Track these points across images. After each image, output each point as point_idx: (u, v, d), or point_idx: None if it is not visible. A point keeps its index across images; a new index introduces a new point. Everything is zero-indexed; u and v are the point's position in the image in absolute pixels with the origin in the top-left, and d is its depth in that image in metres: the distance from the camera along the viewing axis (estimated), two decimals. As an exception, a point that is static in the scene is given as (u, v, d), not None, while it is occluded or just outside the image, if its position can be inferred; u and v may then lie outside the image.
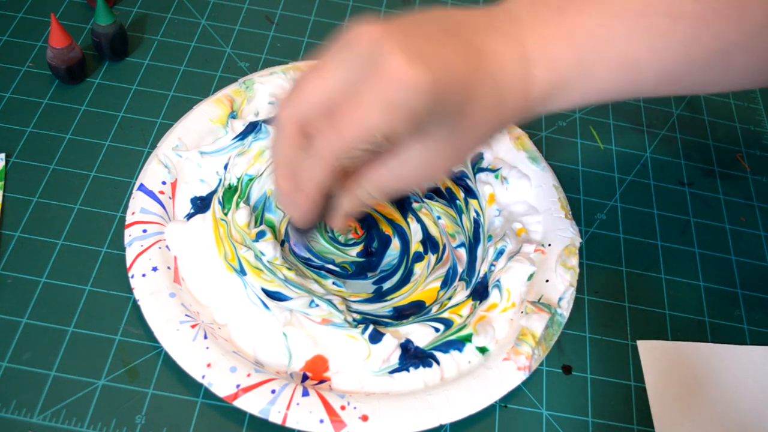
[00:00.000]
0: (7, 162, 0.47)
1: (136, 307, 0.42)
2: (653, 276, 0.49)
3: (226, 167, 0.47)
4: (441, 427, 0.39)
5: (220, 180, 0.46)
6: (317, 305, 0.42)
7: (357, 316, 0.43)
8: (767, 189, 0.56)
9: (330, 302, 0.42)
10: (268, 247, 0.43)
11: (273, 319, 0.41)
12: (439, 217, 0.48)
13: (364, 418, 0.38)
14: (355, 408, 0.38)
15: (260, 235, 0.44)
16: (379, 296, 0.45)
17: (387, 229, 0.48)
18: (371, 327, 0.41)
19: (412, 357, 0.41)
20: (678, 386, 0.44)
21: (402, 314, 0.44)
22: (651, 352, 0.45)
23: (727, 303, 0.49)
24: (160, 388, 0.40)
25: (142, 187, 0.45)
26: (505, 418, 0.41)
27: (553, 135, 0.55)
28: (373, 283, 0.46)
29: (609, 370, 0.44)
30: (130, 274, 0.42)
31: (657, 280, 0.49)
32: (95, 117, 0.51)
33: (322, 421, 0.37)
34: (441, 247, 0.47)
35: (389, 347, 0.41)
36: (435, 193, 0.49)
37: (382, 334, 0.41)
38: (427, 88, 0.26)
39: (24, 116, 0.50)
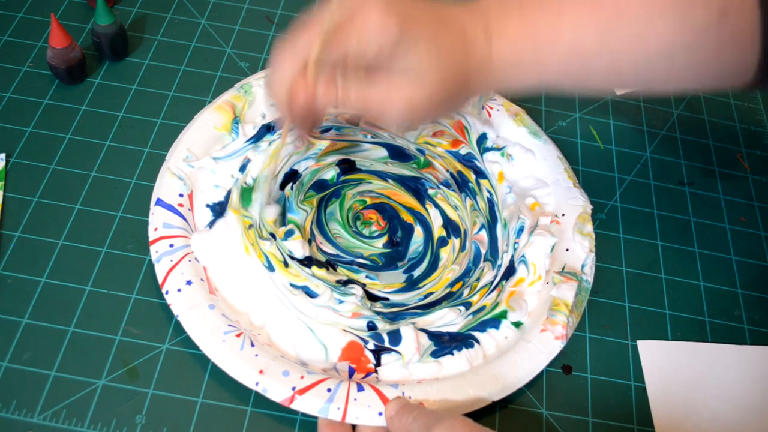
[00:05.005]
0: (7, 162, 0.47)
1: (136, 307, 0.42)
2: (653, 276, 0.49)
3: (242, 169, 0.47)
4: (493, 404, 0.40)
5: (236, 180, 0.46)
6: (343, 302, 0.42)
7: (380, 308, 0.43)
8: (767, 189, 0.56)
9: (347, 292, 0.42)
10: (296, 246, 0.44)
11: (302, 315, 0.41)
12: (456, 207, 0.49)
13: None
14: (410, 396, 0.39)
15: (288, 234, 0.44)
16: (411, 284, 0.46)
17: (408, 218, 0.49)
18: (384, 334, 0.41)
19: (452, 340, 0.42)
20: (678, 386, 0.44)
21: (433, 301, 0.45)
22: (651, 352, 0.45)
23: (727, 303, 0.49)
24: (160, 388, 0.40)
25: (159, 202, 0.45)
26: (505, 418, 0.41)
27: (553, 135, 0.55)
28: (404, 272, 0.46)
29: (609, 370, 0.44)
30: (164, 290, 0.41)
31: (657, 280, 0.49)
32: (95, 117, 0.51)
33: (381, 414, 0.38)
34: (462, 231, 0.48)
35: (410, 338, 0.41)
36: (446, 187, 0.50)
37: (398, 332, 0.41)
38: (393, 30, 0.33)
39: (24, 116, 0.50)
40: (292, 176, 0.48)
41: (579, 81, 0.39)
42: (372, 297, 0.44)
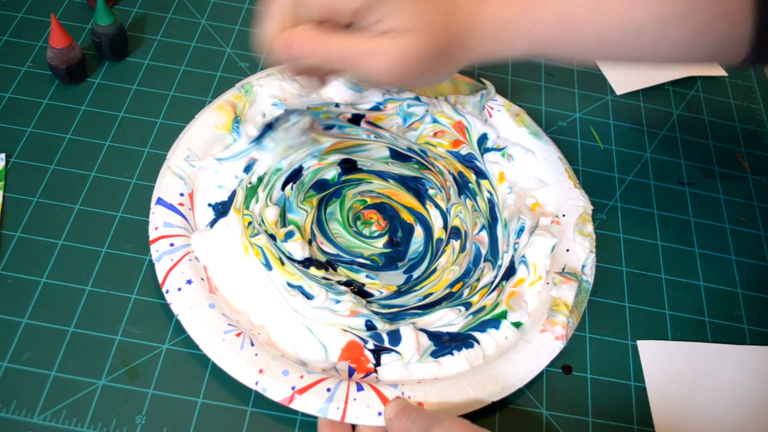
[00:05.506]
0: (7, 162, 0.47)
1: (136, 307, 0.42)
2: (653, 276, 0.49)
3: (247, 170, 0.47)
4: (493, 404, 0.40)
5: (241, 181, 0.46)
6: (339, 301, 0.42)
7: (378, 308, 0.43)
8: (767, 189, 0.56)
9: (337, 290, 0.43)
10: (296, 248, 0.44)
11: (300, 316, 0.42)
12: (458, 215, 0.49)
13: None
14: (410, 397, 0.39)
15: (289, 236, 0.44)
16: (408, 289, 0.45)
17: (408, 218, 0.49)
18: (384, 334, 0.41)
19: (452, 340, 0.42)
20: (678, 386, 0.44)
21: (433, 302, 0.45)
22: (651, 352, 0.45)
23: (727, 303, 0.49)
24: (160, 388, 0.40)
25: (160, 201, 0.45)
26: (505, 418, 0.41)
27: (553, 135, 0.55)
28: (404, 272, 0.46)
29: (609, 370, 0.44)
30: (164, 290, 0.41)
31: (657, 280, 0.49)
32: (95, 117, 0.51)
33: (380, 414, 0.38)
34: (463, 233, 0.48)
35: (410, 338, 0.41)
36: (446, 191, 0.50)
37: (398, 332, 0.41)
38: None
39: (24, 116, 0.50)
40: (294, 175, 0.48)
41: (567, 49, 0.39)
42: (368, 294, 0.44)
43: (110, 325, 0.42)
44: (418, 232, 0.48)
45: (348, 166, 0.50)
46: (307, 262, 0.44)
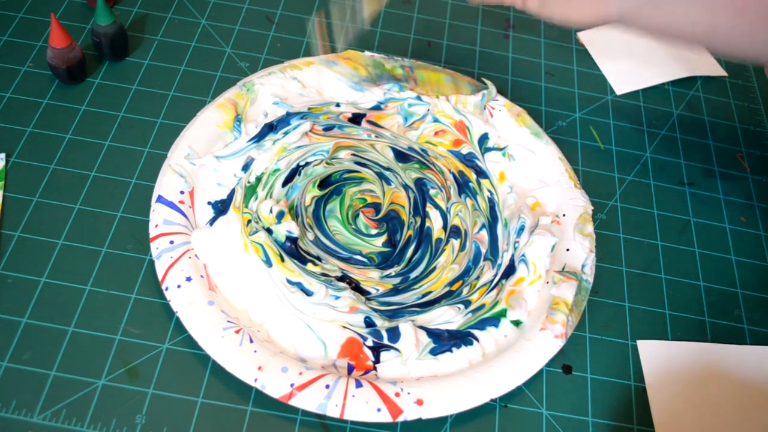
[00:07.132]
0: (7, 162, 0.47)
1: (136, 307, 0.42)
2: (653, 276, 0.49)
3: (245, 168, 0.47)
4: (491, 401, 0.40)
5: (239, 180, 0.47)
6: (339, 297, 0.42)
7: (377, 305, 0.43)
8: (767, 189, 0.56)
9: (337, 287, 0.43)
10: (290, 226, 0.44)
11: (300, 313, 0.42)
12: (458, 213, 0.49)
13: (419, 402, 0.39)
14: (408, 393, 0.39)
15: (279, 216, 0.44)
16: (408, 285, 0.45)
17: (408, 218, 0.49)
18: (383, 331, 0.41)
19: (451, 338, 0.42)
20: (678, 386, 0.44)
21: (432, 300, 0.45)
22: (651, 352, 0.45)
23: (727, 303, 0.49)
24: (161, 388, 0.40)
25: (161, 199, 0.45)
26: (505, 418, 0.41)
27: (553, 135, 0.55)
28: (402, 272, 0.46)
29: (609, 370, 0.44)
30: (164, 287, 0.41)
31: (657, 280, 0.49)
32: (95, 117, 0.51)
33: (379, 410, 0.38)
34: (463, 232, 0.48)
35: (409, 335, 0.41)
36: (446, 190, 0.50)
37: (397, 329, 0.41)
38: None
39: (24, 116, 0.50)
40: (292, 175, 0.48)
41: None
42: (365, 292, 0.44)
43: (110, 324, 0.42)
44: (418, 233, 0.48)
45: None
46: (304, 254, 0.44)
